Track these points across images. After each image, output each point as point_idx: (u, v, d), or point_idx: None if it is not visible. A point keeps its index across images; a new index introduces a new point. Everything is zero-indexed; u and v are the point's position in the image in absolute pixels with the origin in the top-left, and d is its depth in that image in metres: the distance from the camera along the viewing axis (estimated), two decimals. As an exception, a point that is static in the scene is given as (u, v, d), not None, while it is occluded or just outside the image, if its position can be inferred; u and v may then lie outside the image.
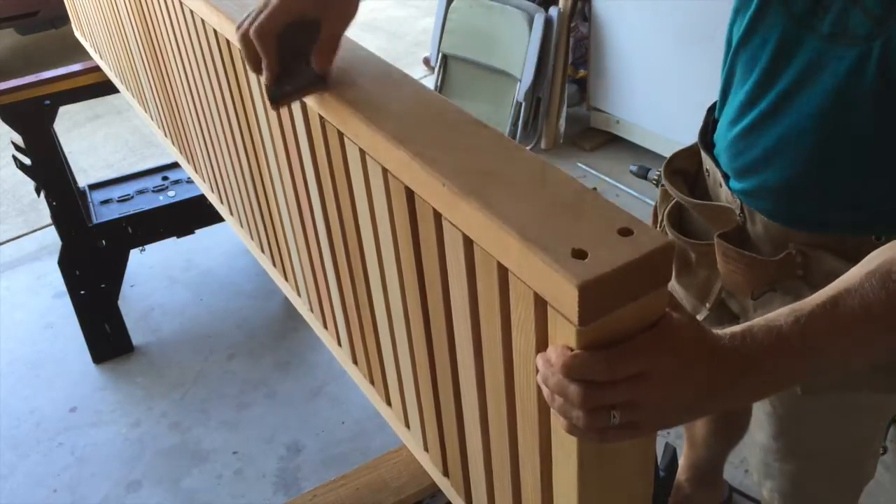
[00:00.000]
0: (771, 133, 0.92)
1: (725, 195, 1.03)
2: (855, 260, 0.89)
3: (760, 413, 1.17)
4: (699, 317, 1.12)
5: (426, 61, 3.94)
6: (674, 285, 1.16)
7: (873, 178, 0.88)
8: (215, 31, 1.13)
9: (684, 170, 1.13)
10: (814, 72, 0.85)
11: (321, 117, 0.89)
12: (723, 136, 1.01)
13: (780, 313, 0.64)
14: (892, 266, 0.65)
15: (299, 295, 1.29)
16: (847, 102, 0.84)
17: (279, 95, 0.87)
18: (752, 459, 1.25)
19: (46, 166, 2.23)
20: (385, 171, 0.79)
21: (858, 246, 0.91)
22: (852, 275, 0.66)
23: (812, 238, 0.94)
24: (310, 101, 0.90)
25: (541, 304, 0.60)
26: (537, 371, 0.61)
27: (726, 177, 1.02)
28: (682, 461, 1.72)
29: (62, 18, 3.46)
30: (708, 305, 1.11)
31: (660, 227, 1.17)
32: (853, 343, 0.65)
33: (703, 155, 1.07)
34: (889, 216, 0.90)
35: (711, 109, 1.08)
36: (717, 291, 1.10)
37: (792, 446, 1.15)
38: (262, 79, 0.86)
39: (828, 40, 0.83)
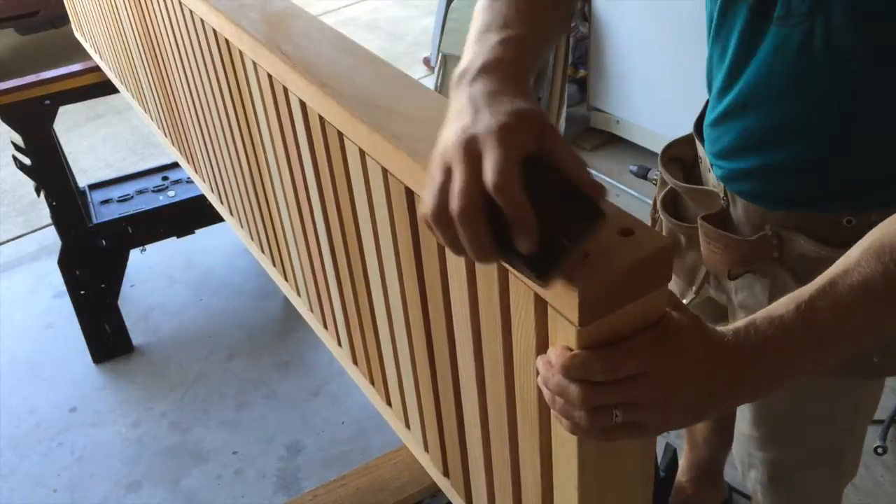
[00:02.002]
0: (742, 119, 0.94)
1: (712, 180, 1.05)
2: (828, 241, 0.91)
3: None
4: (685, 300, 1.14)
5: (426, 61, 3.94)
6: None
7: (838, 156, 0.90)
8: (215, 31, 1.13)
9: (681, 157, 1.15)
10: (774, 56, 0.87)
11: (321, 117, 0.89)
12: (704, 122, 1.04)
13: (780, 303, 0.64)
14: (885, 239, 0.64)
15: (299, 295, 1.29)
16: (802, 81, 0.85)
17: (557, 259, 0.55)
18: (735, 451, 1.26)
19: (46, 166, 2.23)
20: (385, 171, 0.79)
21: (831, 227, 0.92)
22: (848, 255, 0.66)
23: (787, 219, 0.96)
24: (309, 100, 0.90)
25: (541, 305, 0.60)
26: (538, 373, 0.61)
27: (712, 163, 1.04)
28: (682, 462, 1.72)
29: (62, 18, 3.46)
30: (694, 289, 1.14)
31: (655, 212, 1.19)
32: (856, 322, 0.64)
33: (697, 142, 1.09)
34: (856, 193, 0.91)
35: None
36: (702, 275, 1.12)
37: (772, 435, 1.16)
38: (522, 247, 0.55)
39: (779, 23, 0.84)
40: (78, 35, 2.37)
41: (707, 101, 1.09)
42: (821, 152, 0.90)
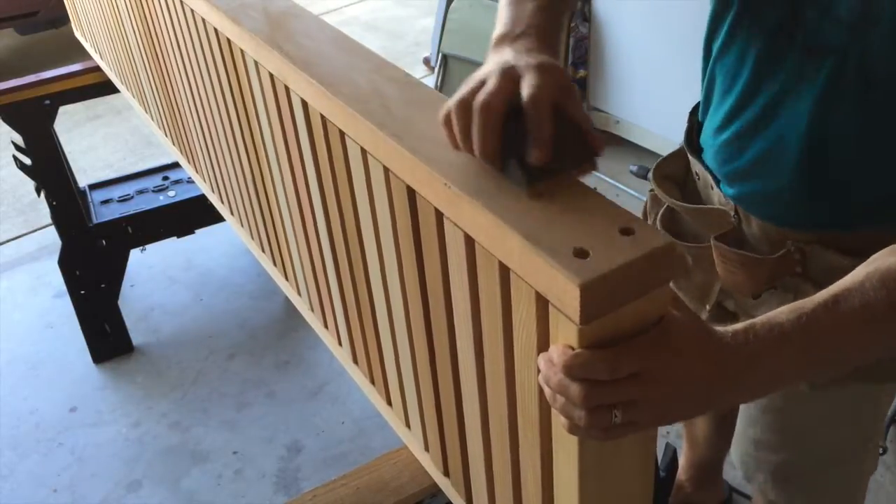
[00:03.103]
0: (759, 142, 0.93)
1: (718, 198, 1.04)
2: (852, 253, 0.90)
3: (751, 406, 1.17)
4: None
5: (426, 61, 3.94)
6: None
7: (862, 180, 0.90)
8: (216, 30, 1.13)
9: (673, 174, 1.14)
10: (795, 82, 0.86)
11: (322, 116, 0.89)
12: (710, 142, 1.02)
13: (781, 311, 0.65)
14: (892, 264, 0.65)
15: (299, 294, 1.29)
16: (829, 111, 0.85)
17: (541, 176, 0.66)
18: (736, 454, 1.25)
19: (46, 166, 2.23)
20: (386, 170, 0.79)
21: (854, 239, 0.92)
22: (854, 275, 0.67)
23: (808, 235, 0.95)
24: (311, 99, 0.90)
25: (542, 304, 0.60)
26: (539, 371, 0.61)
27: (717, 180, 1.03)
28: (682, 461, 1.72)
29: (62, 18, 3.46)
30: (708, 307, 1.12)
31: None
32: (855, 341, 0.65)
33: (691, 158, 1.07)
34: (881, 211, 0.91)
35: (693, 112, 1.09)
36: (716, 293, 1.10)
37: (783, 438, 1.16)
38: (531, 156, 0.65)
39: (805, 52, 0.84)
40: (78, 35, 2.37)
41: (691, 113, 1.08)
42: (843, 179, 0.90)
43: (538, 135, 0.65)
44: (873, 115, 0.84)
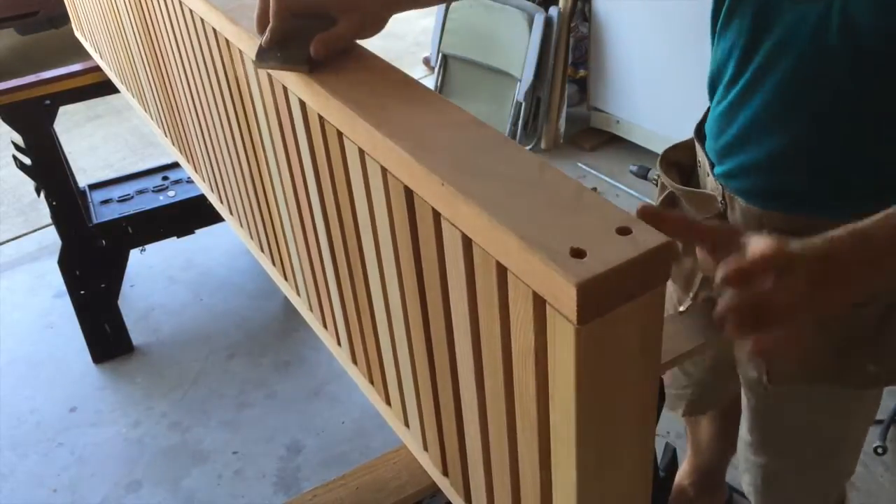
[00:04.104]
0: (748, 108, 0.94)
1: (711, 183, 1.05)
2: None
3: (743, 405, 1.18)
4: (683, 307, 1.14)
5: (426, 61, 3.94)
6: None
7: (845, 145, 0.90)
8: (214, 31, 1.13)
9: (679, 163, 1.16)
10: (786, 40, 0.87)
11: (320, 117, 0.89)
12: (710, 117, 1.04)
13: (841, 228, 0.68)
14: None
15: (299, 294, 1.29)
16: (814, 64, 0.85)
17: (265, 59, 0.90)
18: (738, 454, 1.26)
19: (46, 166, 2.23)
20: (384, 170, 0.79)
21: (829, 229, 0.92)
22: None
23: (786, 222, 0.95)
24: (309, 99, 0.90)
25: (540, 303, 0.60)
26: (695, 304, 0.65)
27: (712, 165, 1.04)
28: (685, 466, 1.72)
29: (62, 18, 3.46)
30: (691, 294, 1.13)
31: None
32: None
33: (697, 146, 1.09)
34: (860, 190, 0.91)
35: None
36: (699, 280, 1.12)
37: (764, 440, 1.16)
38: (261, 39, 0.89)
39: (794, 2, 0.84)
40: (78, 34, 2.37)
41: (708, 109, 1.09)
42: (826, 144, 0.90)
43: (271, 28, 0.87)
44: (855, 74, 0.84)
